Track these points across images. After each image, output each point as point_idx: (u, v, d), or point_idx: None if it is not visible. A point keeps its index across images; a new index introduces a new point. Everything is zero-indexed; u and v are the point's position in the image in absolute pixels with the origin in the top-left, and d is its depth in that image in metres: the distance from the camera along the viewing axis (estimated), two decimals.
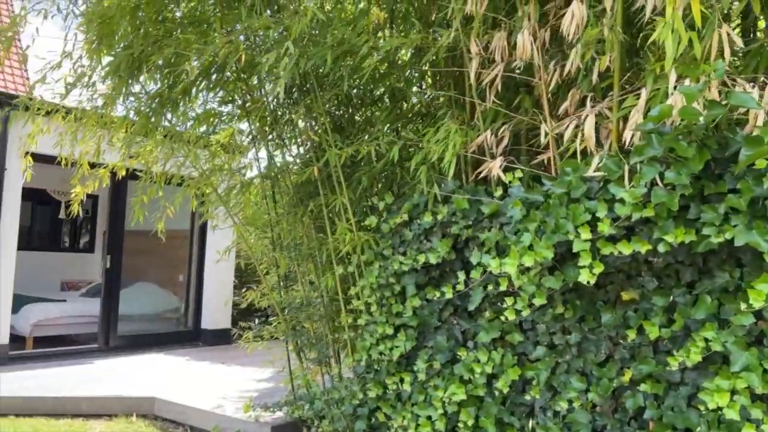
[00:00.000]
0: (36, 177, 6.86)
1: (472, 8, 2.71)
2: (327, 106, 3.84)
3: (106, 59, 4.18)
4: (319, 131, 3.87)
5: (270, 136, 4.51)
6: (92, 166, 5.10)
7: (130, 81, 4.02)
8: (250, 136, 4.60)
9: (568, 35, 2.48)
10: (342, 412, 3.42)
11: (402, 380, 3.29)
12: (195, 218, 8.72)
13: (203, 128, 4.52)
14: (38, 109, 4.74)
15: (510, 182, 2.82)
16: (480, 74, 3.02)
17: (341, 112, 4.31)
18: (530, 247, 2.41)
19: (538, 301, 2.50)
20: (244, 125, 4.93)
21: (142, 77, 4.08)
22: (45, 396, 5.39)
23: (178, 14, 4.18)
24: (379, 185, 3.91)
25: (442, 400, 2.96)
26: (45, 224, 10.75)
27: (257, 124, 4.37)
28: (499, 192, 2.87)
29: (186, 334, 8.78)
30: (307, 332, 4.32)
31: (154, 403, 5.38)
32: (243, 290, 9.51)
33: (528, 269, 2.47)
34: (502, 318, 2.88)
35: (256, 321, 4.85)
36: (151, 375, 6.44)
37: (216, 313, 8.78)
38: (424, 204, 3.28)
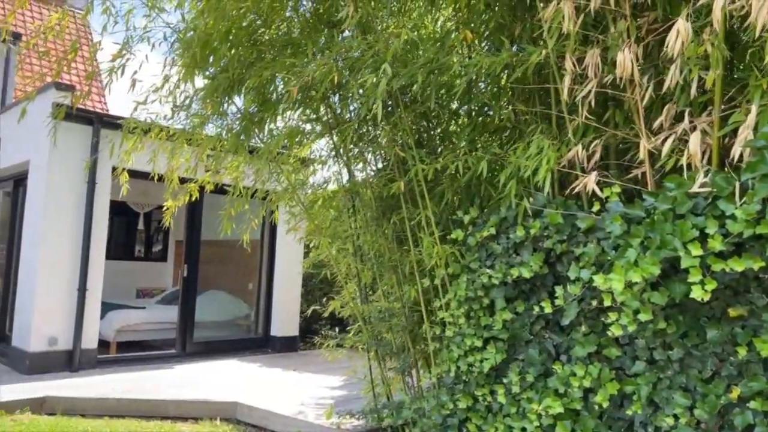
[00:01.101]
0: (117, 190, 7.28)
1: (569, 26, 2.76)
2: (410, 122, 3.94)
3: (201, 81, 4.45)
4: (403, 146, 3.98)
5: (351, 152, 4.66)
6: (182, 181, 5.38)
7: (224, 102, 4.25)
8: (332, 152, 4.76)
9: (671, 51, 2.50)
10: (432, 422, 3.49)
11: (492, 392, 3.34)
12: (265, 229, 9.01)
13: (287, 144, 4.70)
14: (134, 128, 5.06)
15: (607, 197, 2.84)
16: (572, 90, 3.05)
17: (421, 127, 4.41)
18: (635, 263, 2.43)
19: (643, 317, 2.51)
20: (322, 142, 5.11)
21: (235, 98, 4.29)
22: (136, 398, 5.70)
23: (266, 37, 4.39)
24: (460, 199, 3.97)
25: (538, 412, 3.00)
26: (122, 234, 11.32)
27: (339, 140, 4.52)
28: (596, 206, 2.89)
29: (256, 341, 9.06)
30: (388, 342, 4.42)
31: (236, 408, 5.60)
32: (308, 299, 9.79)
33: (633, 285, 2.49)
34: (598, 332, 2.90)
35: (337, 330, 4.98)
36: (228, 380, 6.69)
37: (284, 321, 9.03)
38: (513, 218, 3.33)
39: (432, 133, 4.50)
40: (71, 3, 14.79)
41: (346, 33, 4.50)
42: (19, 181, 8.10)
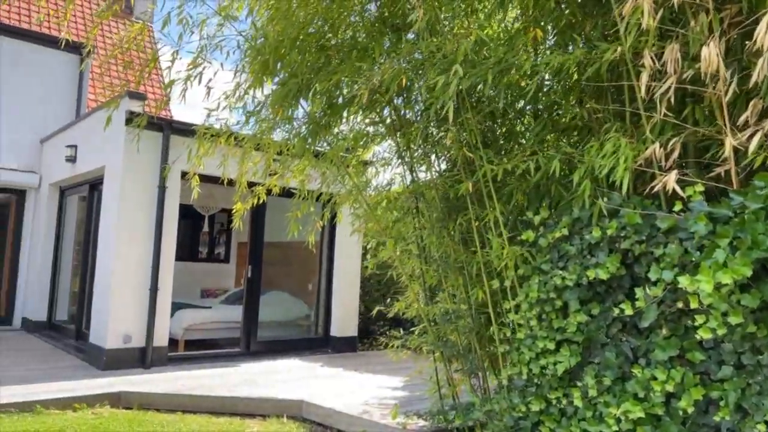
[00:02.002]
0: (185, 193, 7.55)
1: (649, 22, 2.70)
2: (477, 122, 3.93)
3: (269, 87, 4.57)
4: (470, 146, 3.97)
5: (415, 153, 4.68)
6: (249, 185, 5.55)
7: (292, 107, 4.35)
8: (396, 154, 4.80)
9: (761, 43, 2.40)
10: (503, 424, 3.47)
11: (566, 395, 3.29)
12: (325, 230, 9.15)
13: (352, 147, 4.77)
14: (204, 134, 5.24)
15: (689, 196, 2.76)
16: (650, 87, 2.98)
17: (486, 127, 4.39)
18: (724, 264, 2.35)
19: (733, 320, 2.42)
20: (384, 144, 5.15)
21: (303, 102, 4.39)
22: (207, 395, 5.89)
23: (332, 42, 4.47)
24: (529, 200, 3.93)
25: (617, 417, 2.93)
26: (187, 236, 11.72)
27: (404, 142, 4.56)
28: (678, 206, 2.81)
29: (316, 341, 9.21)
30: (454, 344, 4.42)
31: (302, 406, 5.71)
32: (366, 300, 9.87)
33: (722, 287, 2.40)
34: (680, 335, 2.81)
35: (401, 330, 5.01)
36: (292, 379, 6.83)
37: (344, 322, 9.14)
38: (587, 218, 3.27)
39: (497, 133, 4.47)
40: (138, 15, 15.44)
41: (410, 36, 4.55)
42: (94, 185, 8.54)
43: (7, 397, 5.44)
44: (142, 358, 7.09)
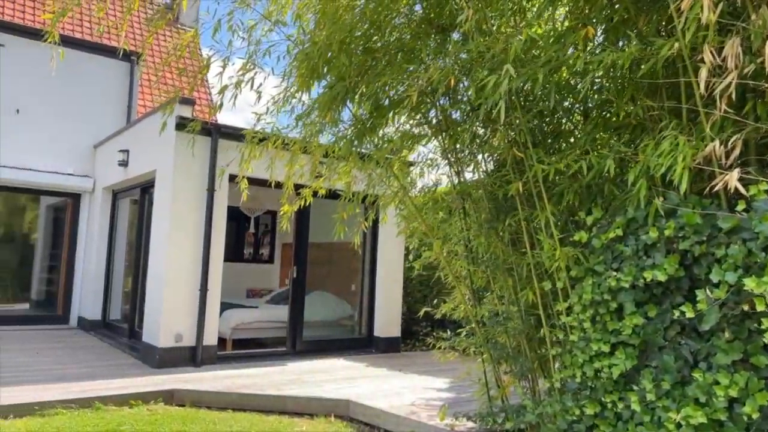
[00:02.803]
0: (232, 196, 7.71)
1: (709, 16, 2.62)
2: (526, 121, 3.89)
3: (316, 91, 4.63)
4: (519, 146, 3.93)
5: (461, 154, 4.67)
6: (296, 187, 5.63)
7: (339, 110, 4.40)
8: (442, 154, 4.79)
9: None
10: (556, 427, 3.43)
11: (622, 398, 3.22)
12: (367, 231, 9.20)
13: (398, 149, 4.78)
14: (252, 138, 5.35)
15: (753, 195, 2.67)
16: (708, 83, 2.89)
17: (534, 126, 4.34)
18: None
19: None
20: (429, 144, 5.14)
21: (350, 105, 4.43)
22: (256, 393, 6.01)
23: (378, 44, 4.49)
24: (580, 200, 3.86)
25: (677, 422, 2.86)
26: (233, 237, 11.97)
27: (450, 142, 4.55)
28: (741, 205, 2.72)
29: (360, 341, 9.27)
30: (503, 345, 4.38)
31: (349, 406, 5.76)
32: (408, 300, 9.88)
33: None
34: (743, 339, 2.72)
35: (449, 332, 5.00)
36: (338, 378, 6.90)
37: (387, 322, 9.17)
38: (643, 218, 3.20)
39: (545, 132, 4.42)
40: (182, 22, 15.87)
41: (455, 36, 4.53)
42: (145, 189, 8.81)
43: (69, 393, 5.67)
44: (193, 357, 7.28)
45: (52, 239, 11.35)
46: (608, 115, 3.82)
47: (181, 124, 7.04)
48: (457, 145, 4.58)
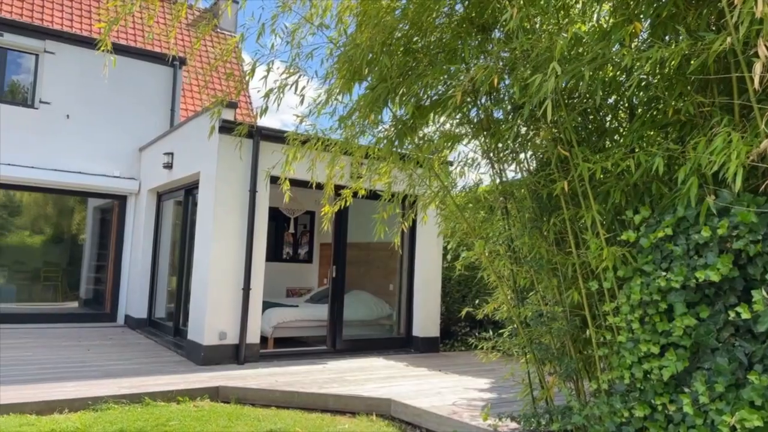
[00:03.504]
0: (272, 197, 7.84)
1: (763, 10, 2.55)
2: (571, 119, 3.85)
3: (356, 92, 4.68)
4: (564, 144, 3.89)
5: (503, 153, 4.64)
6: (337, 188, 5.69)
7: (380, 111, 4.43)
8: (483, 154, 4.77)
9: None
10: (604, 429, 3.38)
11: (672, 401, 3.16)
12: (405, 231, 9.21)
13: (439, 148, 4.79)
14: (294, 140, 5.43)
15: None
16: (763, 78, 2.81)
17: (577, 124, 4.29)
18: None
19: None
20: (468, 143, 5.13)
21: (390, 106, 4.46)
22: (299, 391, 6.10)
23: (419, 45, 4.51)
24: (626, 198, 3.80)
25: (731, 425, 2.79)
26: (272, 237, 12.15)
27: (492, 141, 4.53)
28: None
29: (398, 341, 9.29)
30: (548, 346, 4.34)
31: (391, 405, 5.79)
32: (446, 300, 9.86)
33: None
34: None
35: (491, 332, 4.98)
36: (378, 378, 6.94)
37: (425, 322, 9.17)
38: (693, 217, 3.13)
39: (589, 129, 4.36)
40: (221, 26, 16.18)
41: (497, 35, 4.51)
42: (189, 190, 9.03)
43: (120, 389, 5.87)
44: (236, 355, 7.43)
45: (99, 239, 11.74)
46: (655, 112, 3.75)
47: (225, 127, 7.19)
48: (499, 144, 4.56)
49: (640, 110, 3.92)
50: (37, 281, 11.21)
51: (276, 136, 7.45)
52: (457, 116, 4.67)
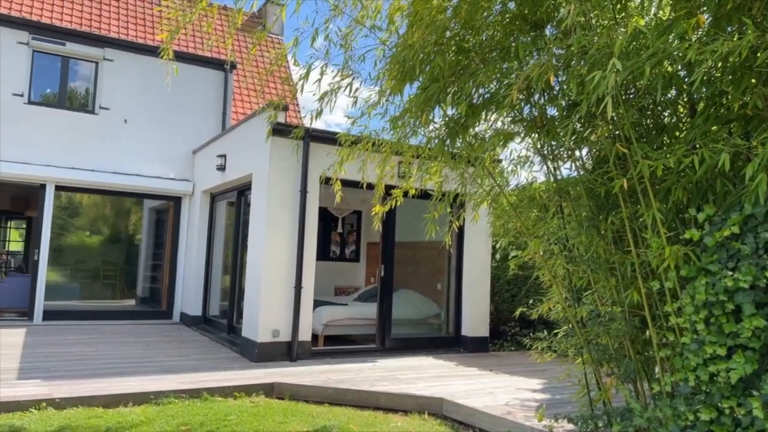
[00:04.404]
0: (322, 197, 7.94)
1: None
2: (630, 115, 3.77)
3: (406, 93, 4.70)
4: (623, 141, 3.81)
5: (558, 150, 4.58)
6: (387, 188, 5.73)
7: (433, 110, 4.44)
8: (536, 152, 4.72)
9: None
10: None
11: (741, 404, 3.06)
12: (453, 230, 9.18)
13: (491, 147, 4.76)
14: (345, 140, 5.50)
15: None
16: None
17: (634, 120, 4.20)
18: None
19: None
20: (519, 143, 5.08)
21: (443, 105, 4.47)
22: (351, 389, 6.17)
23: (471, 43, 4.50)
24: (689, 196, 3.70)
25: None
26: (320, 237, 12.32)
27: (547, 138, 4.47)
28: None
29: (447, 340, 9.28)
30: (605, 347, 4.26)
31: (443, 404, 5.80)
32: (495, 300, 9.78)
33: None
34: None
35: (545, 332, 4.92)
36: (428, 376, 6.95)
37: (474, 321, 9.13)
38: (763, 215, 3.03)
39: (647, 126, 4.26)
40: (268, 29, 16.43)
41: (549, 31, 4.46)
42: (241, 191, 9.26)
43: (180, 384, 6.08)
44: (289, 352, 7.58)
45: (154, 240, 12.17)
46: (719, 106, 3.63)
47: (277, 130, 7.34)
48: (553, 142, 4.50)
49: (702, 105, 3.81)
50: (97, 280, 11.71)
51: (325, 138, 7.56)
52: (510, 114, 4.63)
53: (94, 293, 11.66)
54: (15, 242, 18.88)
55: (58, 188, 10.67)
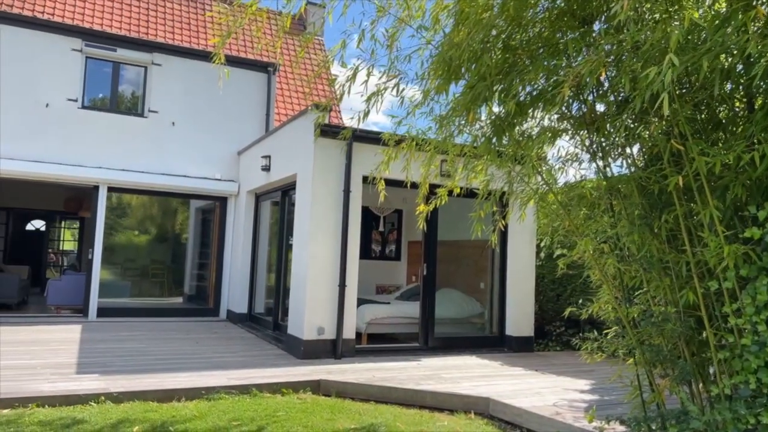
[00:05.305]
0: (364, 196, 7.99)
1: None
2: (686, 111, 3.67)
3: (451, 92, 4.69)
4: (678, 138, 3.72)
5: (608, 147, 4.50)
6: (431, 187, 5.74)
7: (479, 109, 4.43)
8: (585, 149, 4.65)
9: None
10: None
11: None
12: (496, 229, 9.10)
13: (539, 144, 4.71)
14: (389, 140, 5.53)
15: None
16: None
17: (689, 115, 4.09)
18: None
19: None
20: (567, 140, 5.01)
21: (489, 104, 4.45)
22: (396, 387, 6.21)
23: (517, 40, 4.46)
24: (749, 193, 3.58)
25: None
26: (362, 236, 12.40)
27: (597, 135, 4.40)
28: None
29: (491, 339, 9.22)
30: (658, 348, 4.17)
31: (489, 404, 5.77)
32: (540, 299, 9.65)
33: None
34: None
35: (596, 332, 4.84)
36: (473, 376, 6.93)
37: (519, 321, 9.04)
38: None
39: (701, 121, 4.14)
40: (310, 32, 16.59)
41: (598, 27, 4.38)
42: (285, 191, 9.40)
43: (230, 380, 6.23)
44: (333, 350, 7.66)
45: (200, 239, 12.48)
46: None
47: (323, 131, 7.43)
48: (603, 139, 4.42)
49: (760, 100, 3.69)
50: (146, 278, 12.09)
51: (368, 138, 7.61)
52: (558, 111, 4.57)
53: (143, 291, 12.04)
54: (68, 242, 19.67)
55: (110, 189, 11.05)
